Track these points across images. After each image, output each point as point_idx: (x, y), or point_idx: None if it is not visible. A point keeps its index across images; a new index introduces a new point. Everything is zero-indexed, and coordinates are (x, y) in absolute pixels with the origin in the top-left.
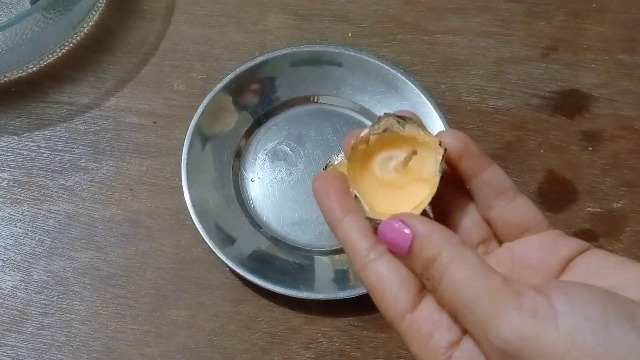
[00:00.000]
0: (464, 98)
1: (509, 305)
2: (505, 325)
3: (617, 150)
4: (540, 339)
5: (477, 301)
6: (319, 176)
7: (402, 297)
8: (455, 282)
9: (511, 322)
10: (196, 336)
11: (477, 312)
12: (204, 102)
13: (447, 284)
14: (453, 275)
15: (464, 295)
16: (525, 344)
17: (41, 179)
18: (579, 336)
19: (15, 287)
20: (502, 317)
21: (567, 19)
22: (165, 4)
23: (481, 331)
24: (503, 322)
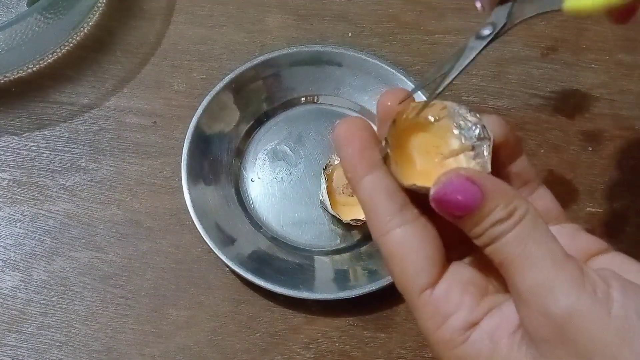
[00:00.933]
0: (464, 98)
1: (574, 277)
2: (564, 294)
3: (617, 150)
4: (591, 319)
5: (543, 261)
6: (344, 122)
7: (425, 272)
8: (525, 238)
9: (570, 294)
10: (196, 336)
11: (540, 271)
12: (204, 102)
13: (516, 237)
14: (523, 230)
15: (531, 251)
16: (576, 320)
17: (41, 179)
18: (629, 328)
19: (15, 287)
20: (563, 285)
21: (567, 19)
22: (165, 4)
23: (536, 292)
24: (563, 290)
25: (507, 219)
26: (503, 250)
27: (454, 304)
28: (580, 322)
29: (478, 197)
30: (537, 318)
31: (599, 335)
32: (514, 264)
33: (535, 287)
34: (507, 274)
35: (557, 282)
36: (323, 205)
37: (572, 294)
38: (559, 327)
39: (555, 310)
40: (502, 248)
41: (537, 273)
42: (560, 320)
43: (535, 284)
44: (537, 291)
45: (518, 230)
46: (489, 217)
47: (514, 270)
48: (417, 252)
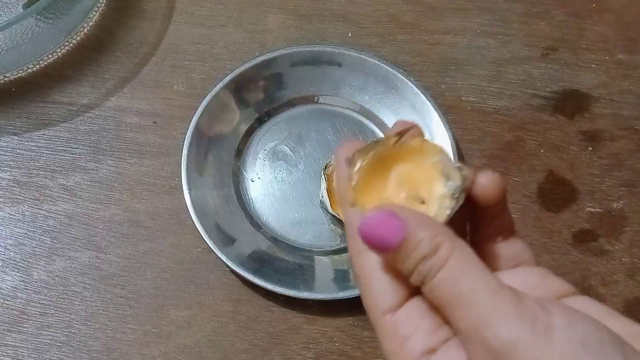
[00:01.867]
0: (464, 98)
1: (510, 307)
2: (503, 326)
3: (617, 150)
4: (533, 350)
5: (477, 297)
6: (343, 148)
7: (390, 294)
8: (455, 275)
9: (509, 325)
10: (196, 336)
11: (476, 308)
12: (204, 102)
13: (446, 276)
14: (453, 267)
15: (463, 289)
16: (519, 351)
17: (41, 179)
18: (572, 358)
19: (15, 287)
20: (500, 318)
21: (567, 19)
22: (165, 4)
23: (475, 328)
24: (501, 323)
25: (432, 254)
26: (437, 290)
27: (413, 326)
28: (522, 354)
29: (399, 231)
30: (480, 354)
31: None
32: (450, 304)
33: (473, 324)
34: (445, 313)
35: (495, 315)
36: (323, 205)
37: (510, 326)
38: (503, 355)
39: (496, 345)
40: (435, 288)
41: (473, 310)
42: (503, 354)
43: (474, 321)
44: (476, 328)
45: (448, 269)
46: (414, 253)
47: (451, 310)
48: (383, 275)
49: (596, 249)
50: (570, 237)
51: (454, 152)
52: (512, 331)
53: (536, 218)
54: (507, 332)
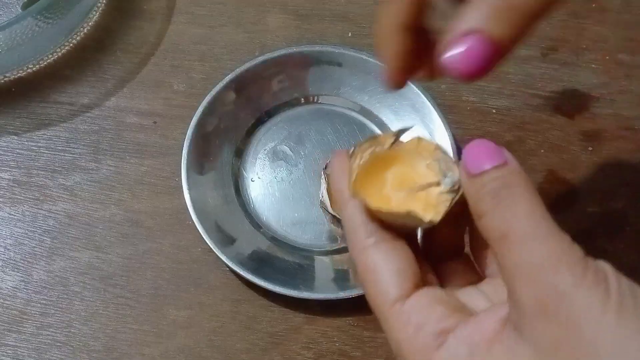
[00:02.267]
0: (464, 98)
1: (578, 257)
2: (569, 272)
3: (617, 150)
4: (592, 302)
5: (548, 236)
6: (337, 155)
7: (397, 284)
8: (530, 208)
9: (575, 273)
10: (196, 336)
11: (545, 247)
12: (204, 102)
13: (521, 208)
14: (529, 200)
15: (532, 224)
16: (578, 299)
17: (41, 179)
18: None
19: (15, 287)
20: (569, 264)
21: (567, 19)
22: (165, 4)
23: (541, 266)
24: (569, 268)
25: (511, 185)
26: (502, 220)
27: (426, 313)
28: (581, 302)
29: (501, 154)
30: (535, 291)
31: (600, 319)
32: (512, 237)
33: (538, 261)
34: (500, 247)
35: (561, 261)
36: (323, 205)
37: (577, 273)
38: (559, 304)
39: (561, 286)
40: (502, 216)
41: (542, 248)
42: (562, 296)
43: (538, 258)
44: (542, 264)
45: (524, 200)
46: (493, 180)
47: (511, 243)
48: (392, 265)
49: (596, 249)
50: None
51: (454, 152)
52: (577, 278)
53: None
54: (573, 278)
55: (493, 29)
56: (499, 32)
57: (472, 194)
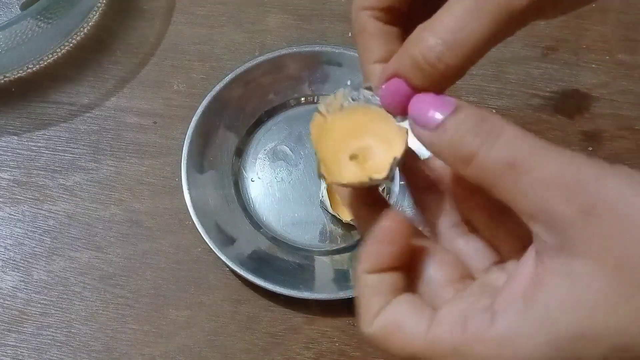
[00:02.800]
0: (464, 98)
1: (592, 161)
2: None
3: (617, 150)
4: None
5: (556, 155)
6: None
7: (420, 317)
8: (521, 136)
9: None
10: (196, 336)
11: (560, 163)
12: (204, 102)
13: (510, 139)
14: (514, 130)
15: (537, 149)
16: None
17: (41, 179)
18: None
19: (15, 287)
20: (591, 169)
21: (567, 19)
22: (165, 4)
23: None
24: (595, 171)
25: (485, 121)
26: (496, 160)
27: (461, 305)
28: (621, 190)
29: (451, 103)
30: (574, 199)
31: None
32: (518, 168)
33: (563, 169)
34: (505, 190)
35: (581, 161)
36: (323, 205)
37: (602, 167)
38: (604, 201)
39: (588, 178)
40: (494, 158)
41: (558, 158)
42: (604, 194)
43: (563, 166)
44: (567, 171)
45: (509, 132)
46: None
47: (519, 176)
48: (408, 309)
49: None
50: None
51: None
52: (614, 185)
53: None
54: (614, 184)
55: (412, 78)
56: (416, 82)
57: (447, 143)
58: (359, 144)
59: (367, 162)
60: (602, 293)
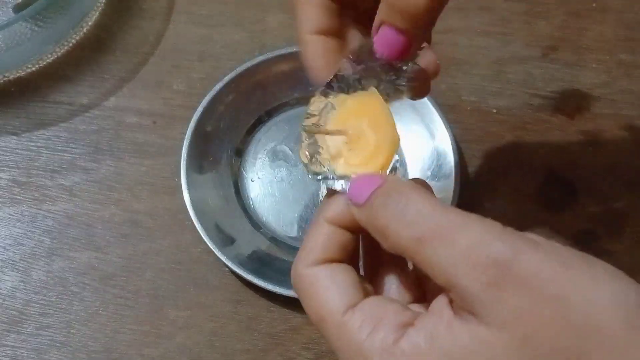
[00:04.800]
0: (464, 98)
1: (505, 234)
2: (500, 241)
3: (617, 150)
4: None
5: (467, 221)
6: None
7: (347, 294)
8: (428, 201)
9: (505, 239)
10: (196, 337)
11: (467, 232)
12: (204, 102)
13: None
14: (421, 199)
15: (444, 220)
16: (518, 268)
17: (40, 179)
18: None
19: (14, 287)
20: (496, 235)
21: (567, 19)
22: (165, 4)
23: (474, 248)
24: (499, 238)
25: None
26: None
27: (382, 311)
28: (530, 264)
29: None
30: (479, 273)
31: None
32: (428, 240)
33: (464, 248)
34: (423, 260)
35: (493, 234)
36: None
37: (512, 243)
38: (509, 273)
39: (504, 257)
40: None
41: (464, 235)
42: (509, 266)
43: (465, 245)
44: (475, 245)
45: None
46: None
47: (432, 247)
48: (341, 278)
49: (596, 249)
50: (571, 237)
51: (455, 151)
52: (515, 241)
53: (536, 218)
54: (510, 250)
55: (395, 22)
56: (399, 25)
57: (368, 219)
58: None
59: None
60: (504, 358)
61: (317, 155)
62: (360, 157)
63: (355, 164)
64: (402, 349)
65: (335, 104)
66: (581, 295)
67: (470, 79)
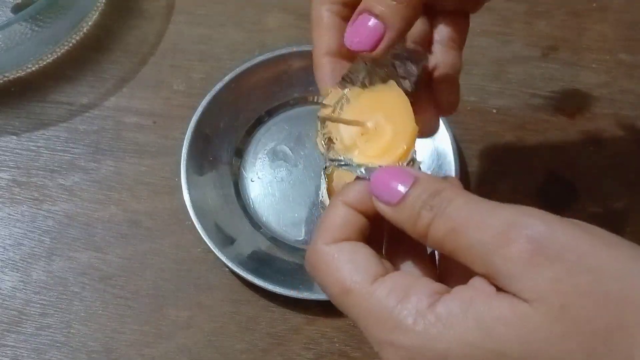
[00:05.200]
0: (464, 98)
1: (536, 212)
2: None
3: (617, 150)
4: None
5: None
6: None
7: (376, 263)
8: (468, 202)
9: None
10: (196, 336)
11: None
12: (204, 102)
13: (458, 206)
14: (463, 197)
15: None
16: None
17: (40, 179)
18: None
19: (14, 287)
20: (534, 218)
21: (567, 19)
22: (165, 4)
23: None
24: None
25: (438, 194)
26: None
27: (413, 280)
28: (564, 238)
29: (411, 177)
30: (517, 249)
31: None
32: (466, 229)
33: (507, 221)
34: (461, 250)
35: (525, 211)
36: (323, 206)
37: (546, 218)
38: (545, 247)
39: (538, 232)
40: (446, 222)
41: (502, 212)
42: (546, 239)
43: (506, 219)
44: (512, 222)
45: (458, 199)
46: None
47: (469, 236)
48: (366, 253)
49: None
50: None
51: (455, 151)
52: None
53: None
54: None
55: (372, 7)
56: (381, 11)
57: (406, 218)
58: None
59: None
60: (544, 334)
61: (332, 144)
62: (376, 149)
63: (372, 155)
64: (437, 313)
65: (351, 97)
66: (618, 269)
67: (470, 79)
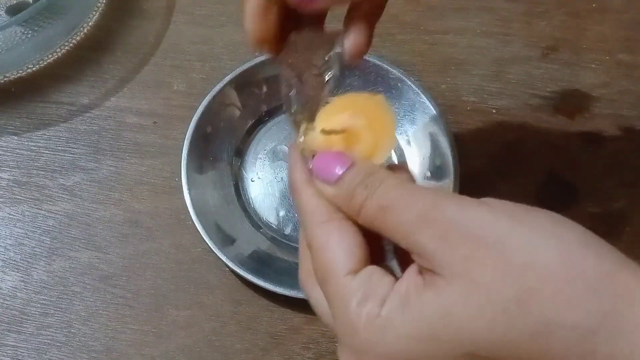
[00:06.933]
0: (464, 98)
1: (452, 195)
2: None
3: (617, 150)
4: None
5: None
6: (291, 147)
7: (349, 259)
8: (399, 180)
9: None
10: (196, 336)
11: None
12: (204, 102)
13: (391, 183)
14: (393, 177)
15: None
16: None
17: (41, 179)
18: None
19: (15, 287)
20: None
21: (567, 19)
22: (165, 4)
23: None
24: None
25: (371, 175)
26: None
27: (375, 284)
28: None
29: (347, 160)
30: (433, 231)
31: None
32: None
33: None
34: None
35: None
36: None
37: (460, 202)
38: (458, 228)
39: (448, 212)
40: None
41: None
42: (458, 221)
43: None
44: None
45: (390, 179)
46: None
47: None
48: (347, 241)
49: None
50: None
51: (455, 151)
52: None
53: None
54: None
55: None
56: None
57: (342, 197)
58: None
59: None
60: (462, 308)
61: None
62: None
63: None
64: (382, 316)
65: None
66: (520, 240)
67: (470, 79)
